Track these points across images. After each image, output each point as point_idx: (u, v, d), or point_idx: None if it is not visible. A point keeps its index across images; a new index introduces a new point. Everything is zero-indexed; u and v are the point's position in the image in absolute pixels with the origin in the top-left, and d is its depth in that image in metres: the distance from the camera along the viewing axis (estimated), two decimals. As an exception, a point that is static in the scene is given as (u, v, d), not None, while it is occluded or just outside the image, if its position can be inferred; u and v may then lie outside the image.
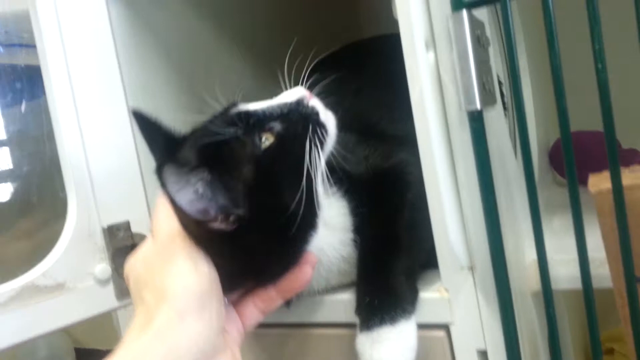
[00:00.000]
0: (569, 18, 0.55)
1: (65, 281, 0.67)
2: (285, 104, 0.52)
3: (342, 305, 0.58)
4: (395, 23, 0.52)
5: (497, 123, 0.58)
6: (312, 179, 0.49)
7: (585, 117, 0.60)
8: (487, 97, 0.48)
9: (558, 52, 0.42)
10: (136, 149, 0.75)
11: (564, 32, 0.43)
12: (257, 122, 0.50)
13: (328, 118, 0.53)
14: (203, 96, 0.83)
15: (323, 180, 0.51)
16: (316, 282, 0.58)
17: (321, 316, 0.60)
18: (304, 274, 0.51)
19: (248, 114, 0.51)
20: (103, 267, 0.69)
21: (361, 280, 0.56)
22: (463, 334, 0.53)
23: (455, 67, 0.46)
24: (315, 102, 0.53)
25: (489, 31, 0.52)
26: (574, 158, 0.44)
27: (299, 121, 0.51)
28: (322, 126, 0.52)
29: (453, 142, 0.50)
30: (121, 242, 0.71)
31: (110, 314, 0.79)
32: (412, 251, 0.56)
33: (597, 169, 0.79)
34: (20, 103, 0.98)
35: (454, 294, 0.53)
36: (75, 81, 0.69)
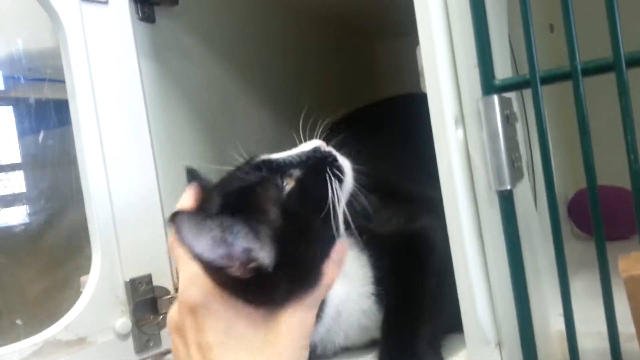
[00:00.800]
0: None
1: (87, 335, 0.67)
2: (303, 152, 0.55)
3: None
4: (413, 82, 0.53)
5: (524, 196, 0.58)
6: (333, 221, 0.50)
7: (606, 170, 0.60)
8: (516, 174, 0.49)
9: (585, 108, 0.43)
10: (160, 201, 0.76)
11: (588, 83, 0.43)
12: (278, 168, 0.53)
13: (344, 160, 0.55)
14: (225, 148, 0.85)
15: (344, 224, 0.53)
16: (336, 335, 0.59)
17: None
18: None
19: (270, 162, 0.54)
20: (124, 321, 0.70)
21: (384, 345, 0.57)
22: (488, 411, 0.52)
23: (485, 147, 0.47)
24: (330, 149, 0.55)
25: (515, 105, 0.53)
26: (603, 231, 0.44)
27: (318, 165, 0.54)
28: (339, 167, 0.54)
29: (482, 218, 0.50)
30: (142, 295, 0.72)
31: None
32: (436, 317, 0.56)
33: (617, 225, 0.79)
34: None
35: (480, 369, 0.52)
36: (105, 136, 0.70)
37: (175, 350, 0.48)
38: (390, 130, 0.79)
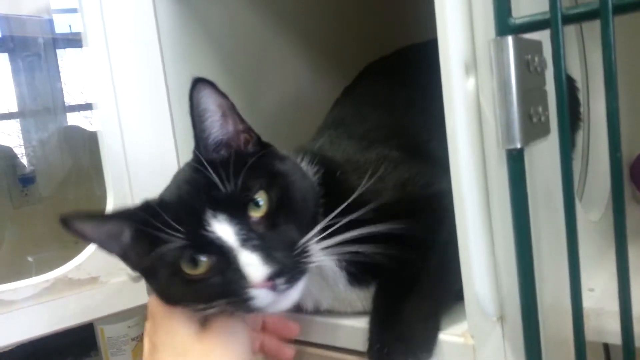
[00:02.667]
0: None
1: (99, 275, 0.68)
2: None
3: (360, 332, 0.55)
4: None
5: (550, 153, 0.52)
6: None
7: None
8: (536, 130, 0.43)
9: None
10: (175, 147, 0.75)
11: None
12: None
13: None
14: (254, 106, 0.81)
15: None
16: (304, 301, 0.56)
17: (338, 340, 0.58)
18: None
19: None
20: (136, 264, 0.70)
21: (374, 322, 0.53)
22: (487, 385, 0.48)
23: (494, 99, 0.41)
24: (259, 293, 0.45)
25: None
26: None
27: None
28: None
29: (490, 181, 0.45)
30: (155, 240, 0.72)
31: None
32: (437, 295, 0.52)
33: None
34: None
35: (480, 342, 0.48)
36: (118, 84, 0.69)
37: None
38: (427, 79, 0.73)
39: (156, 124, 0.72)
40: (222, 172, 0.47)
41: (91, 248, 0.68)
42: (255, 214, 0.47)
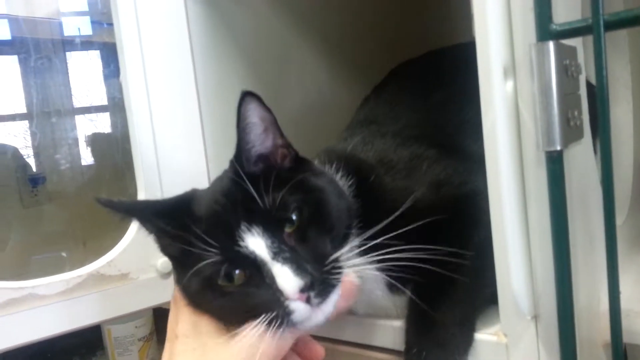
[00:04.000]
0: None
1: (129, 272, 0.70)
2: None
3: (395, 331, 0.56)
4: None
5: (583, 158, 0.53)
6: None
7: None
8: (572, 133, 0.44)
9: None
10: (204, 148, 0.76)
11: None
12: None
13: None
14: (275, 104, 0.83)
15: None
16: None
17: (373, 339, 0.58)
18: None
19: None
20: (165, 261, 0.71)
21: (411, 323, 0.54)
22: (520, 384, 0.49)
23: (535, 102, 0.42)
24: (299, 306, 0.45)
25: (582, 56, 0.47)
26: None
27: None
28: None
29: (527, 181, 0.46)
30: (184, 238, 0.73)
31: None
32: (473, 297, 0.52)
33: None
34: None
35: (514, 340, 0.49)
36: (151, 84, 0.70)
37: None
38: (460, 80, 0.74)
39: (187, 125, 0.74)
40: (262, 187, 0.47)
41: (123, 244, 0.69)
42: (288, 229, 0.47)
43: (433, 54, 0.84)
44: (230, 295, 0.47)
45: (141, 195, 0.71)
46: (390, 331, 0.55)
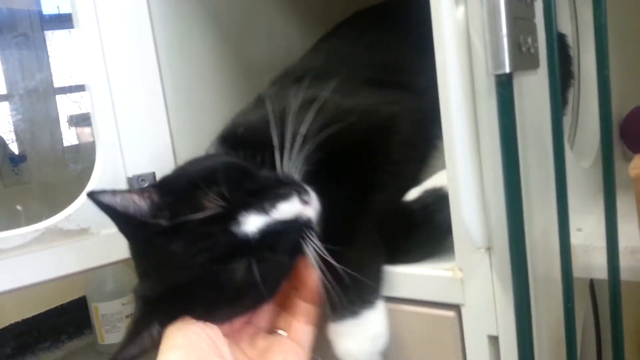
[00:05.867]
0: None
1: (89, 227, 0.68)
2: (281, 222, 0.49)
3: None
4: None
5: (539, 91, 0.52)
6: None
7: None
8: (525, 59, 0.43)
9: None
10: (165, 102, 0.74)
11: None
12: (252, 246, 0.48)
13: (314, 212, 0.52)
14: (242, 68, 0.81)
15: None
16: None
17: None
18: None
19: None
20: (127, 216, 0.70)
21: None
22: (474, 317, 0.49)
23: (484, 25, 0.41)
24: (310, 211, 0.51)
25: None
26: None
27: (294, 236, 0.50)
28: (313, 227, 0.51)
29: (479, 110, 0.45)
30: (145, 192, 0.72)
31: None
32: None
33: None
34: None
35: (468, 274, 0.49)
36: (105, 35, 0.68)
37: None
38: (410, 24, 0.73)
39: (143, 72, 0.72)
40: None
41: (82, 199, 0.67)
42: None
43: (381, 5, 0.84)
44: None
45: (98, 171, 0.69)
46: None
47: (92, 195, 0.51)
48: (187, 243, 0.48)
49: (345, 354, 0.51)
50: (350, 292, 0.50)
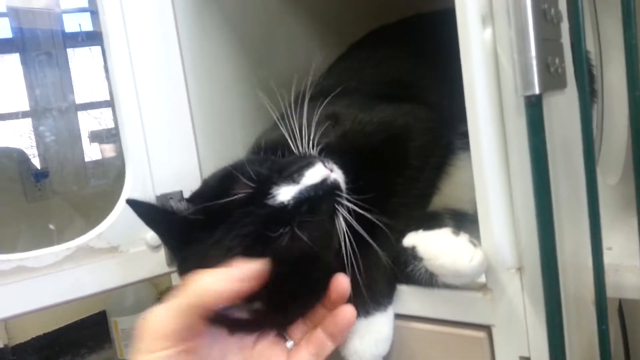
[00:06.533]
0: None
1: (119, 245, 0.69)
2: (308, 188, 0.51)
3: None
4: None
5: (567, 110, 0.52)
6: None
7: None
8: (553, 80, 0.43)
9: None
10: (192, 120, 0.76)
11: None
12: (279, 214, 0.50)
13: (341, 178, 0.54)
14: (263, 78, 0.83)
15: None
16: None
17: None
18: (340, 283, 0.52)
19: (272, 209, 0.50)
20: (154, 234, 0.71)
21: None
22: (506, 338, 0.49)
23: (512, 46, 0.41)
24: (336, 175, 0.53)
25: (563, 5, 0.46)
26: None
27: (323, 203, 0.52)
28: (341, 195, 0.53)
29: (507, 129, 0.45)
30: (173, 210, 0.73)
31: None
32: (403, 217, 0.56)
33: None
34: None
35: (499, 294, 0.48)
36: (134, 53, 0.69)
37: None
38: (428, 43, 0.74)
39: (171, 93, 0.73)
40: None
41: (112, 217, 0.69)
42: None
43: (405, 20, 0.85)
44: None
45: (127, 189, 0.71)
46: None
47: (130, 201, 0.55)
48: (230, 226, 0.50)
49: (351, 352, 0.53)
50: (366, 292, 0.52)
